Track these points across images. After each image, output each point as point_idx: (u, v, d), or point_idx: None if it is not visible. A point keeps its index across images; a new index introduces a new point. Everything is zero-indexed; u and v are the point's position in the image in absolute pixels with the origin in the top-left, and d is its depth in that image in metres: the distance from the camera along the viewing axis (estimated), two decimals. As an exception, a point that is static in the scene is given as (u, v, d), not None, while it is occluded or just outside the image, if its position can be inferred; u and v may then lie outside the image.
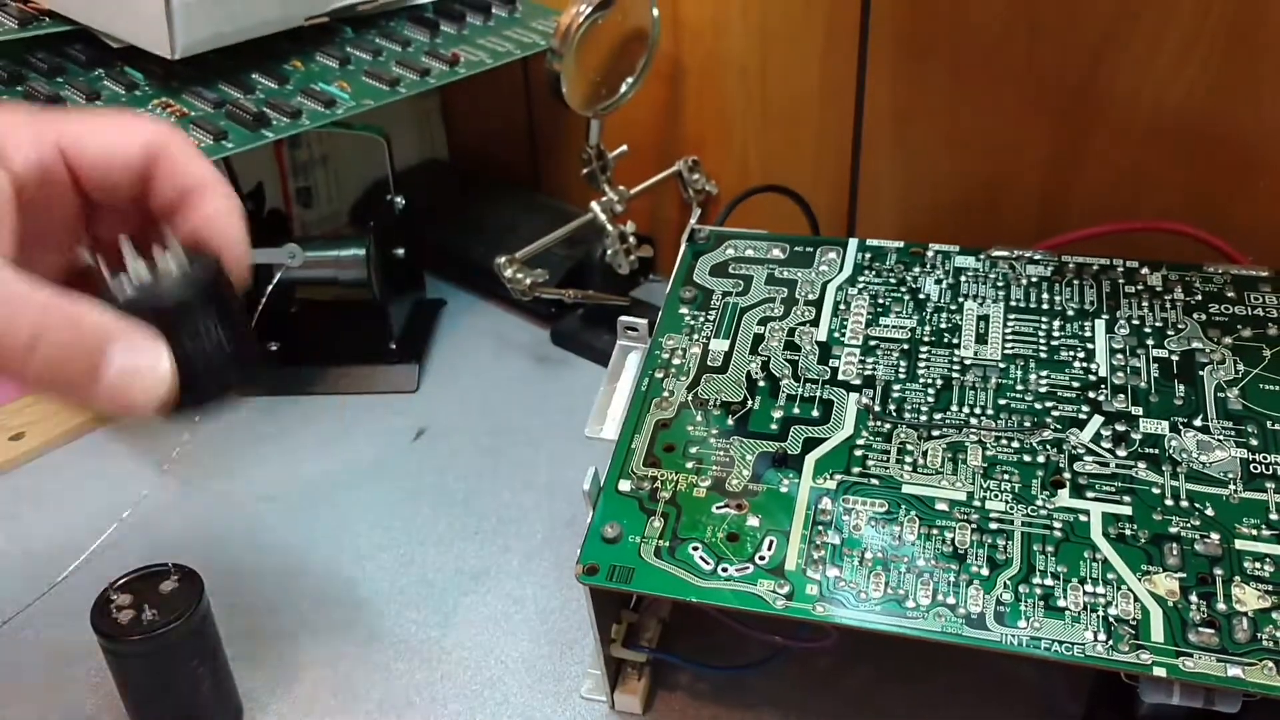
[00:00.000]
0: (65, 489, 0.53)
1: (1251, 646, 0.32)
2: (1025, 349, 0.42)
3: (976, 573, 0.34)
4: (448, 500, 0.51)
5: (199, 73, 0.52)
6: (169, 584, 0.38)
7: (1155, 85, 0.47)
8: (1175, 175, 0.48)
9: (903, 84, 0.53)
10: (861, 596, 0.34)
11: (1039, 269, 0.45)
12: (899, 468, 0.38)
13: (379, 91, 0.53)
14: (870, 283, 0.45)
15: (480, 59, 0.56)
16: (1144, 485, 0.36)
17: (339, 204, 0.71)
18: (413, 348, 0.60)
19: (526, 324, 0.64)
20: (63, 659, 0.44)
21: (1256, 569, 0.34)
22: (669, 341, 0.44)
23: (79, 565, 0.48)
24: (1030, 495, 0.36)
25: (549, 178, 0.71)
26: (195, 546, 0.49)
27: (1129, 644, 0.32)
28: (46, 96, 0.50)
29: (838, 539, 0.36)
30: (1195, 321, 0.42)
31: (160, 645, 0.37)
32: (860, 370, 0.42)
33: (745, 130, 0.59)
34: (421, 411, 0.57)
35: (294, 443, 0.55)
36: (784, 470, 0.38)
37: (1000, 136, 0.51)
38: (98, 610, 0.38)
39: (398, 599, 0.46)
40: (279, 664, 0.44)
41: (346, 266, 0.58)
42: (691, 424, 0.40)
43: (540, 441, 0.55)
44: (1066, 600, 0.33)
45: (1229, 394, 0.39)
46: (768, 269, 0.46)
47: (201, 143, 0.48)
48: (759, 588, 0.35)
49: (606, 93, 0.55)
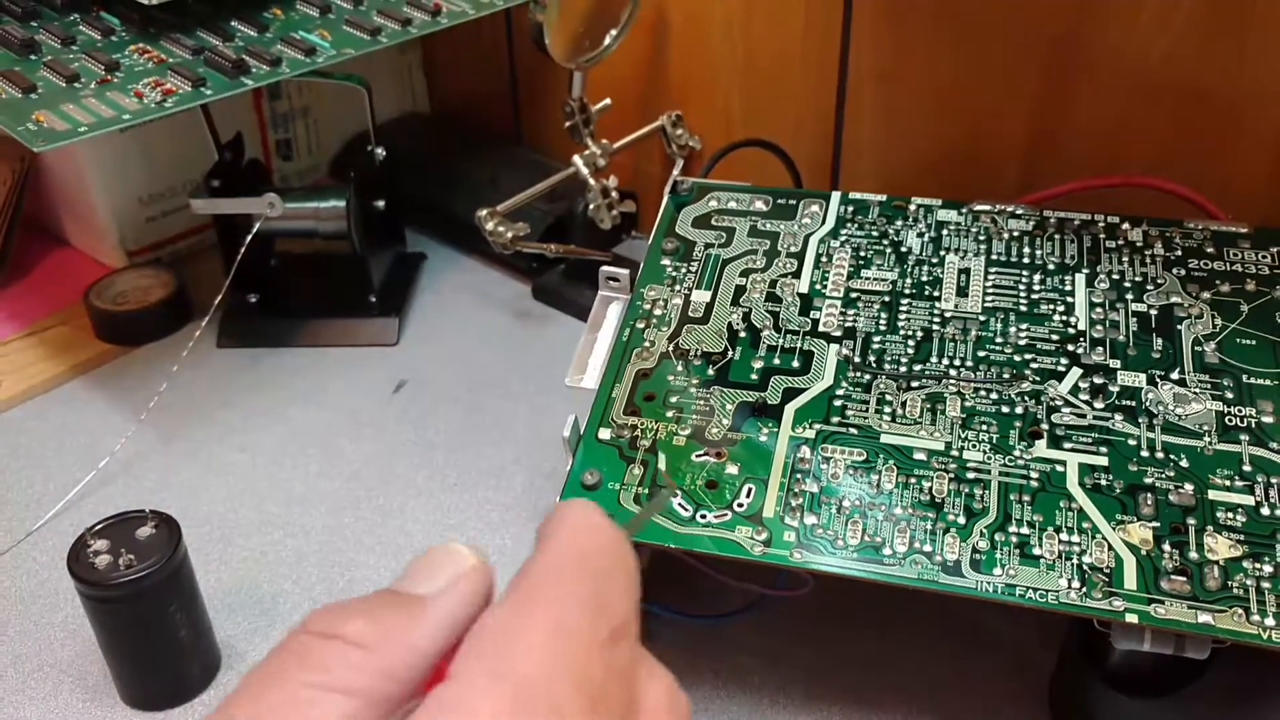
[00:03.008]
0: (43, 437, 0.53)
1: (1222, 594, 0.32)
2: (1005, 302, 0.42)
3: (953, 521, 0.35)
4: (427, 452, 0.51)
5: (177, 19, 0.51)
6: (146, 530, 0.38)
7: (1139, 41, 0.46)
8: (1158, 131, 0.48)
9: (886, 38, 0.53)
10: (838, 544, 0.34)
11: (1020, 223, 0.45)
12: (878, 418, 0.38)
13: (360, 40, 0.52)
14: (852, 235, 0.45)
15: (463, 9, 0.55)
16: (1120, 437, 0.36)
17: (319, 157, 0.70)
18: (393, 301, 0.60)
19: (507, 278, 0.63)
20: (40, 605, 0.44)
21: (1229, 519, 0.34)
22: (650, 292, 0.43)
23: (57, 513, 0.48)
24: (1008, 446, 0.37)
25: (531, 131, 0.71)
26: (173, 496, 0.49)
27: (1102, 591, 0.32)
28: (21, 41, 0.49)
29: (815, 487, 0.36)
30: (1174, 276, 0.42)
31: (137, 591, 0.37)
32: (841, 322, 0.42)
33: (729, 85, 0.59)
34: (401, 364, 0.57)
35: (273, 394, 0.55)
36: (763, 419, 0.38)
37: (983, 91, 0.51)
38: (74, 556, 0.38)
39: (377, 549, 0.47)
40: (257, 613, 0.44)
41: (326, 218, 0.57)
42: (672, 374, 0.40)
43: (520, 395, 0.55)
44: (1042, 548, 0.34)
45: (1206, 348, 0.39)
46: (750, 221, 0.46)
47: (179, 89, 0.47)
48: (737, 534, 0.35)
49: (590, 44, 0.54)
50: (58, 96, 0.47)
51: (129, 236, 0.63)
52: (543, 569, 0.19)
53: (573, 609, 0.18)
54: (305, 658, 0.18)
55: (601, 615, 0.18)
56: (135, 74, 0.48)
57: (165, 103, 0.47)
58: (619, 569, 0.19)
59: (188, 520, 0.40)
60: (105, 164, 0.60)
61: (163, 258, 0.64)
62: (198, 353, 0.55)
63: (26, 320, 0.60)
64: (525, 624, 0.18)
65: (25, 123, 0.45)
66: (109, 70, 0.48)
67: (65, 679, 0.42)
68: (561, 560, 0.19)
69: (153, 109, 0.46)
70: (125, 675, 0.40)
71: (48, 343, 0.58)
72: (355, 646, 0.18)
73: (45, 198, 0.65)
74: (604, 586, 0.19)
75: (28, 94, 0.46)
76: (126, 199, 0.62)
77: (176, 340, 0.58)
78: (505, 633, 0.18)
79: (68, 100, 0.46)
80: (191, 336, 0.54)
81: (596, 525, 0.20)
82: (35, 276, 0.64)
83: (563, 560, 0.19)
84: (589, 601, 0.18)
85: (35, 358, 0.57)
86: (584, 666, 0.17)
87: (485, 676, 0.17)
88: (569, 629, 0.18)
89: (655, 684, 0.20)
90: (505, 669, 0.17)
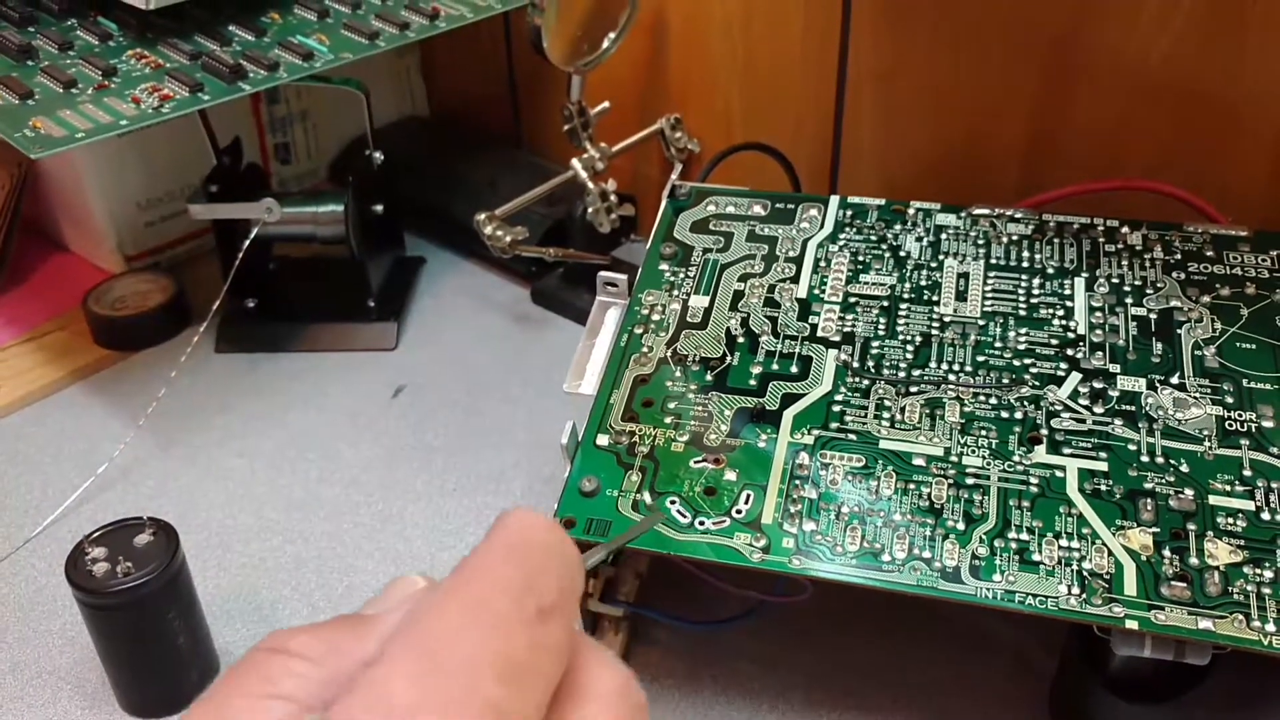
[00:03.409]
0: (41, 443, 0.53)
1: (1222, 600, 0.32)
2: (1005, 306, 0.42)
3: (952, 527, 0.34)
4: (426, 457, 0.51)
5: (175, 24, 0.51)
6: (144, 537, 0.38)
7: (1139, 43, 0.46)
8: (1157, 133, 0.48)
9: (886, 41, 0.53)
10: (837, 550, 0.34)
11: (1020, 227, 0.45)
12: (877, 423, 0.38)
13: (357, 45, 0.52)
14: (851, 240, 0.45)
15: (461, 12, 0.55)
16: (1120, 442, 0.36)
17: (317, 161, 0.70)
18: (392, 305, 0.60)
19: (506, 282, 0.63)
20: (38, 613, 0.44)
21: (1229, 524, 0.34)
22: (649, 297, 0.43)
23: (55, 519, 0.48)
24: (1007, 451, 0.36)
25: (530, 134, 0.71)
26: (171, 502, 0.49)
27: (1102, 597, 0.32)
28: (18, 46, 0.49)
29: (814, 493, 0.36)
30: (1174, 280, 0.42)
31: (135, 598, 0.37)
32: (840, 327, 0.41)
33: (728, 88, 0.59)
34: (400, 369, 0.57)
35: (272, 399, 0.55)
36: (762, 425, 0.38)
37: (983, 94, 0.51)
38: (72, 563, 0.38)
39: (376, 555, 0.46)
40: (256, 619, 0.44)
41: (325, 223, 0.57)
42: (670, 379, 0.40)
43: (519, 399, 0.54)
44: (1041, 554, 0.34)
45: (1206, 352, 0.39)
46: (749, 226, 0.46)
47: (177, 95, 0.47)
48: (736, 541, 0.35)
49: (588, 48, 0.54)
50: (55, 102, 0.47)
51: (127, 241, 0.63)
52: (470, 560, 0.19)
53: (493, 588, 0.19)
54: (255, 670, 0.19)
55: (528, 594, 0.19)
56: (133, 79, 0.48)
57: (163, 108, 0.47)
58: (551, 555, 0.20)
59: (186, 526, 0.40)
60: (103, 169, 0.60)
61: (161, 263, 0.64)
62: (196, 358, 0.55)
63: (25, 325, 0.60)
64: (445, 603, 0.18)
65: (22, 129, 0.45)
66: (106, 76, 0.48)
67: (64, 686, 0.41)
68: (489, 549, 0.19)
69: (150, 114, 0.46)
70: (123, 682, 0.40)
71: (46, 348, 0.58)
72: (300, 658, 0.19)
73: (43, 202, 0.65)
74: (531, 570, 0.19)
75: (25, 100, 0.46)
76: (124, 204, 0.62)
77: (175, 345, 0.58)
78: (424, 612, 0.18)
79: (65, 106, 0.46)
80: (190, 341, 0.54)
81: (529, 522, 0.20)
82: (33, 282, 0.64)
83: (490, 549, 0.19)
84: (513, 582, 0.19)
85: (33, 363, 0.57)
86: (503, 640, 0.18)
87: (402, 652, 0.17)
88: (488, 606, 0.18)
89: (607, 672, 0.20)
90: (421, 643, 0.18)
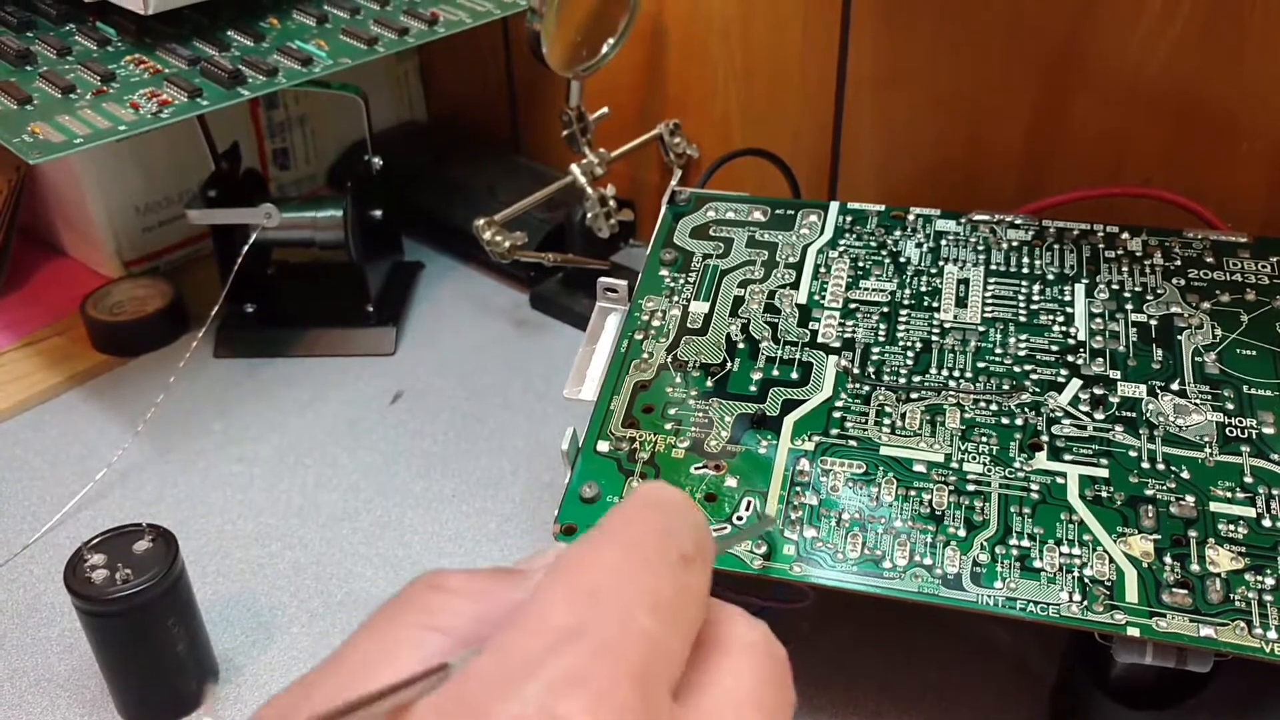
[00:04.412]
0: (39, 449, 0.52)
1: (1224, 607, 0.32)
2: (1005, 313, 0.42)
3: (953, 534, 0.34)
4: (425, 462, 0.51)
5: (173, 29, 0.51)
6: (143, 544, 0.38)
7: (1138, 48, 0.46)
8: (1157, 139, 0.48)
9: (885, 47, 0.53)
10: (838, 557, 0.34)
11: (1019, 233, 0.45)
12: (877, 430, 0.38)
13: (356, 50, 0.52)
14: (851, 246, 0.45)
15: (459, 18, 0.55)
16: (1121, 448, 0.36)
17: (316, 166, 0.70)
18: (390, 310, 0.60)
19: (505, 287, 0.63)
20: (36, 620, 0.44)
21: (1230, 531, 0.34)
22: (649, 303, 0.43)
23: (53, 526, 0.48)
24: (1008, 457, 0.36)
25: (529, 140, 0.71)
26: (170, 508, 0.49)
27: (1104, 604, 0.32)
28: (16, 51, 0.49)
29: (815, 500, 0.36)
30: (1174, 286, 0.42)
31: (134, 605, 0.37)
32: (840, 333, 0.41)
33: (727, 93, 0.59)
34: (399, 374, 0.57)
35: (270, 404, 0.55)
36: (762, 432, 0.38)
37: (982, 100, 0.51)
38: (71, 570, 0.37)
39: (375, 560, 0.46)
40: (255, 625, 0.44)
41: (324, 228, 0.57)
42: (670, 385, 0.40)
43: (518, 405, 0.54)
44: (1043, 561, 0.34)
45: (1206, 358, 0.39)
46: (748, 231, 0.46)
47: (175, 100, 0.47)
48: (736, 548, 0.35)
49: (587, 54, 0.54)
50: (53, 108, 0.46)
51: (125, 246, 0.62)
52: (611, 515, 0.20)
53: (640, 534, 0.20)
54: (413, 603, 0.20)
55: (669, 539, 0.20)
56: (131, 85, 0.48)
57: (161, 113, 0.47)
58: (685, 509, 0.21)
59: (185, 532, 0.40)
60: (102, 174, 0.60)
61: (159, 267, 0.64)
62: (194, 363, 0.55)
63: (23, 331, 0.60)
64: (596, 546, 0.19)
65: (21, 134, 0.45)
66: (105, 81, 0.48)
67: (62, 694, 0.41)
68: (629, 505, 0.21)
69: (149, 120, 0.46)
70: (123, 690, 0.40)
71: (44, 353, 0.58)
72: (457, 595, 0.20)
73: (42, 207, 0.65)
74: (671, 520, 0.20)
75: (23, 105, 0.46)
76: (123, 209, 0.62)
77: (173, 351, 0.58)
78: (578, 554, 0.19)
79: (63, 112, 0.46)
80: (188, 347, 0.54)
81: (662, 485, 0.22)
82: (32, 287, 0.63)
83: (630, 504, 0.21)
84: (656, 529, 0.20)
85: (31, 368, 0.57)
86: (653, 579, 0.19)
87: (560, 588, 0.18)
88: (638, 548, 0.19)
89: (746, 625, 0.21)
90: (578, 581, 0.19)
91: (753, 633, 0.20)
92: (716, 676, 0.20)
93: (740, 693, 0.20)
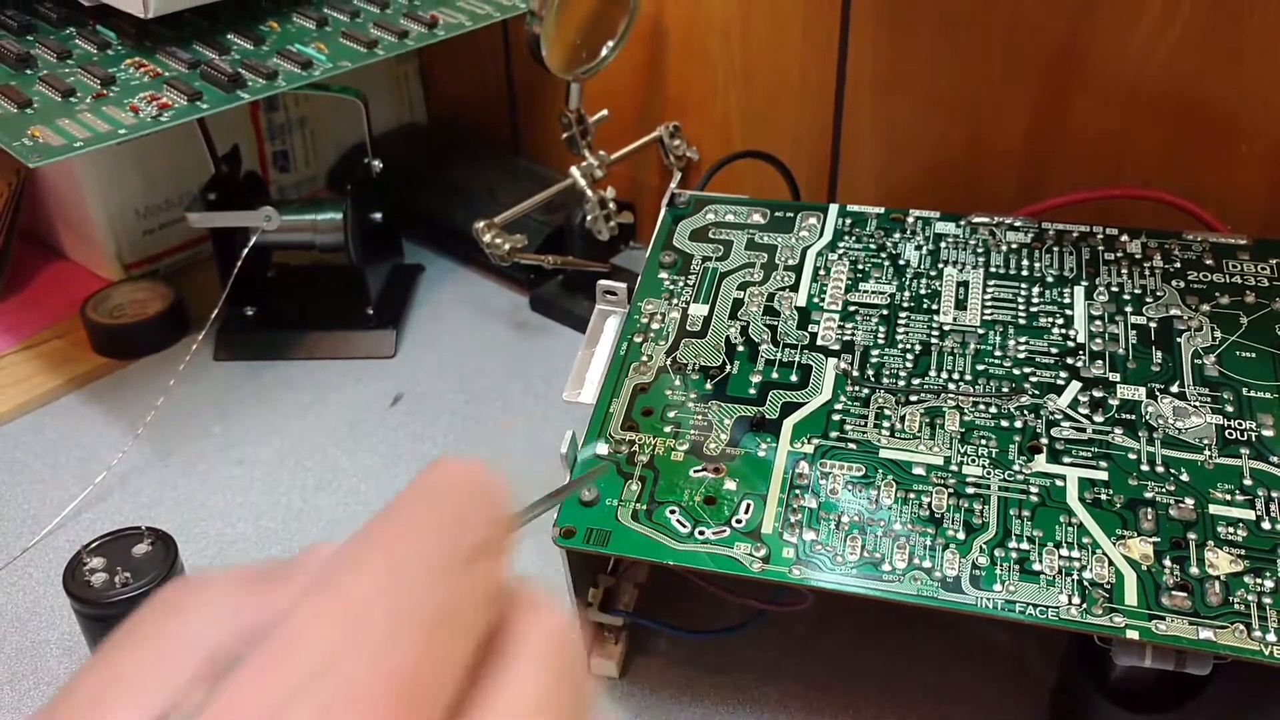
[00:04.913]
0: (39, 452, 0.52)
1: (1223, 610, 0.32)
2: (1004, 315, 0.42)
3: (953, 536, 0.34)
4: (425, 465, 0.51)
5: (173, 32, 0.51)
6: (142, 547, 0.38)
7: (1138, 49, 0.46)
8: (1156, 141, 0.48)
9: (884, 49, 0.53)
10: (838, 560, 0.34)
11: (1019, 235, 0.45)
12: (877, 432, 0.38)
13: (356, 53, 0.52)
14: (850, 248, 0.45)
15: (459, 21, 0.55)
16: (1120, 451, 0.36)
17: (316, 168, 0.70)
18: (390, 313, 0.60)
19: (505, 290, 0.63)
20: (36, 623, 0.44)
21: (1229, 533, 0.34)
22: (648, 306, 0.43)
23: (52, 529, 0.48)
24: (1007, 460, 0.36)
25: (528, 142, 0.71)
26: (170, 511, 0.49)
27: (1103, 607, 0.32)
28: (16, 55, 0.49)
29: (814, 503, 0.36)
30: (1174, 289, 0.42)
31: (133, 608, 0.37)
32: (839, 335, 0.41)
33: (727, 96, 0.59)
34: (399, 377, 0.57)
35: (270, 407, 0.55)
36: (762, 434, 0.38)
37: (982, 102, 0.51)
38: (70, 573, 0.37)
39: (375, 564, 0.46)
40: (255, 628, 0.44)
41: (323, 230, 0.57)
42: (670, 388, 0.40)
43: (518, 407, 0.54)
44: (1042, 564, 0.33)
45: (1206, 361, 0.39)
46: (748, 234, 0.46)
47: (175, 103, 0.47)
48: (736, 551, 0.35)
49: (587, 56, 0.54)
50: (53, 111, 0.46)
51: (126, 249, 0.63)
52: (388, 510, 0.18)
53: (414, 537, 0.17)
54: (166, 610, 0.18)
55: (453, 535, 0.18)
56: (131, 88, 0.48)
57: (161, 116, 0.47)
58: (475, 494, 0.19)
59: (184, 535, 0.40)
60: (102, 177, 0.60)
61: (160, 270, 0.64)
62: (194, 366, 0.55)
63: (23, 333, 0.60)
64: (360, 557, 0.17)
65: (21, 138, 0.45)
66: (105, 84, 0.48)
67: (61, 697, 0.41)
68: (410, 495, 0.18)
69: (149, 123, 0.46)
70: (122, 693, 0.40)
71: (44, 356, 0.58)
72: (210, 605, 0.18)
73: (42, 210, 0.65)
74: (454, 511, 0.18)
75: (23, 109, 0.46)
76: (123, 212, 0.62)
77: (173, 353, 0.58)
78: (339, 567, 0.17)
79: (63, 115, 0.46)
80: (188, 350, 0.54)
81: (449, 464, 0.19)
82: (32, 290, 0.64)
83: (411, 494, 0.18)
84: (435, 526, 0.18)
85: (31, 371, 0.57)
86: (426, 592, 0.17)
87: (312, 610, 0.16)
88: (410, 555, 0.17)
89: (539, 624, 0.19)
90: (334, 602, 0.16)
91: (546, 624, 0.19)
92: (504, 681, 0.18)
93: (528, 701, 0.18)
